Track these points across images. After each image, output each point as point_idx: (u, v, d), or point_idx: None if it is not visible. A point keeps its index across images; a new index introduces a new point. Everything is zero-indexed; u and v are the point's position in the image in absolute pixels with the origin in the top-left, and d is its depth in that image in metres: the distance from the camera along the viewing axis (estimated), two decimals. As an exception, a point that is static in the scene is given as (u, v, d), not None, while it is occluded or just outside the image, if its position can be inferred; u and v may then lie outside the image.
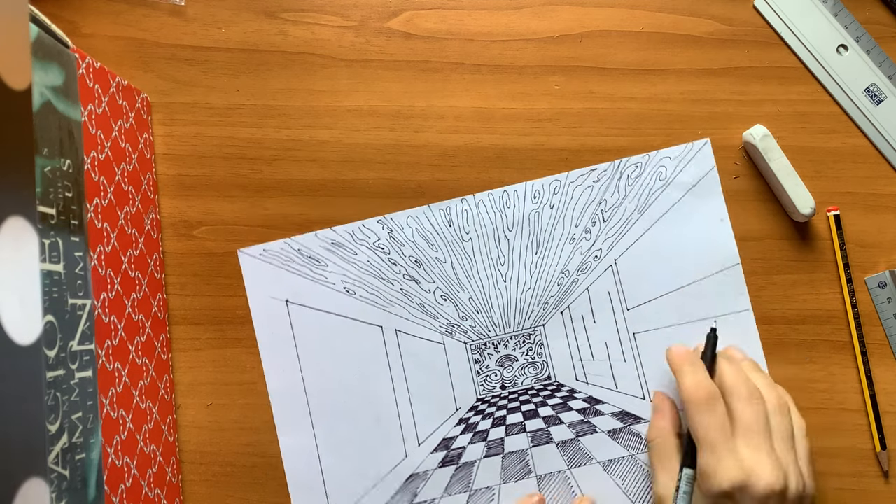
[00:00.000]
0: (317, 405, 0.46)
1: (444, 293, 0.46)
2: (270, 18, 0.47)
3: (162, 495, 0.42)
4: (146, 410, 0.41)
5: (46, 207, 0.31)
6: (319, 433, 0.46)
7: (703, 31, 0.47)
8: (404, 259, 0.46)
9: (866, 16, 0.47)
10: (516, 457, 0.46)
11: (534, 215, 0.47)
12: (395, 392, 0.46)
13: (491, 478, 0.46)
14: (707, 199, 0.47)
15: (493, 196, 0.47)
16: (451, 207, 0.47)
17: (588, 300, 0.47)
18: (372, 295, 0.46)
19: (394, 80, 0.47)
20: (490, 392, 0.46)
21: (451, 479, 0.46)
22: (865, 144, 0.47)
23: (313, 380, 0.46)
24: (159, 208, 0.47)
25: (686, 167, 0.47)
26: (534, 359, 0.47)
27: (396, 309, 0.46)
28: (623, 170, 0.47)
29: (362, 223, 0.46)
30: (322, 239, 0.46)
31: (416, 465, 0.46)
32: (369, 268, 0.46)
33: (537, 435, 0.46)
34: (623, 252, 0.47)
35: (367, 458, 0.46)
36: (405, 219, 0.47)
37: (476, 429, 0.46)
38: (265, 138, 0.47)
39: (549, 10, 0.47)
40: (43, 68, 0.32)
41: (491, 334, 0.47)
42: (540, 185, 0.47)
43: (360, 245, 0.46)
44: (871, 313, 0.47)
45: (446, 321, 0.46)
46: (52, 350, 0.30)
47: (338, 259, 0.46)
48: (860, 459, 0.46)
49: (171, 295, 0.47)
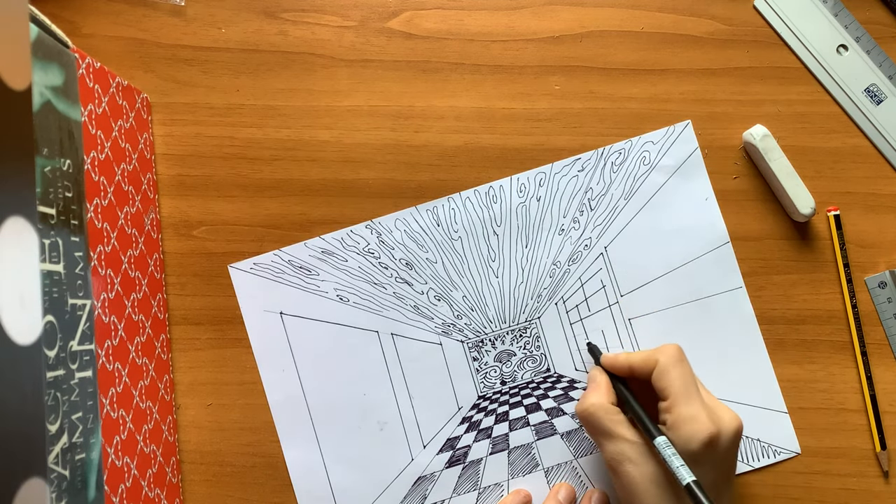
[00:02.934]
0: (319, 416, 0.46)
1: (437, 293, 0.46)
2: (270, 18, 0.47)
3: (162, 495, 0.42)
4: (146, 410, 0.41)
5: (46, 207, 0.31)
6: (324, 444, 0.46)
7: (703, 31, 0.47)
8: (395, 262, 0.46)
9: (866, 16, 0.47)
10: (522, 451, 0.46)
11: (521, 209, 0.47)
12: (396, 396, 0.46)
13: (499, 474, 0.46)
14: (692, 181, 0.47)
15: (479, 193, 0.47)
16: (437, 207, 0.47)
17: (581, 290, 0.47)
18: (365, 300, 0.46)
19: (394, 80, 0.47)
20: (491, 388, 0.46)
21: (459, 478, 0.46)
22: (865, 144, 0.47)
23: (313, 390, 0.46)
24: (159, 208, 0.47)
25: (669, 150, 0.47)
26: (532, 352, 0.47)
27: (391, 313, 0.46)
28: (607, 157, 0.47)
29: (350, 229, 0.46)
30: (311, 248, 0.46)
31: (423, 468, 0.46)
32: (361, 273, 0.46)
33: (541, 428, 0.46)
34: (612, 239, 0.47)
35: (373, 465, 0.46)
36: (393, 222, 0.47)
37: (480, 426, 0.46)
38: (265, 138, 0.47)
39: (549, 10, 0.47)
40: (43, 68, 0.32)
41: (487, 331, 0.47)
42: (525, 178, 0.47)
43: (350, 251, 0.46)
44: (871, 313, 0.47)
45: (441, 321, 0.46)
46: (52, 350, 0.30)
47: (329, 267, 0.46)
48: (860, 459, 0.46)
49: (171, 295, 0.47)
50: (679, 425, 0.38)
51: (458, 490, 0.46)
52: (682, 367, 0.40)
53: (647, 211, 0.47)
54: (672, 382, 0.39)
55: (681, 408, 0.38)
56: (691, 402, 0.39)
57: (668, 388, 0.39)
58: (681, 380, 0.39)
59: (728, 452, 0.39)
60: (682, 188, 0.47)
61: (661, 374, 0.40)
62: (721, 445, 0.38)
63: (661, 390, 0.40)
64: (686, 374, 0.40)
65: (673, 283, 0.46)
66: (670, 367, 0.40)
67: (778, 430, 0.46)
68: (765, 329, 0.46)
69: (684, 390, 0.39)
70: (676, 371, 0.40)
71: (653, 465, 0.39)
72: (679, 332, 0.46)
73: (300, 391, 0.46)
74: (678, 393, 0.39)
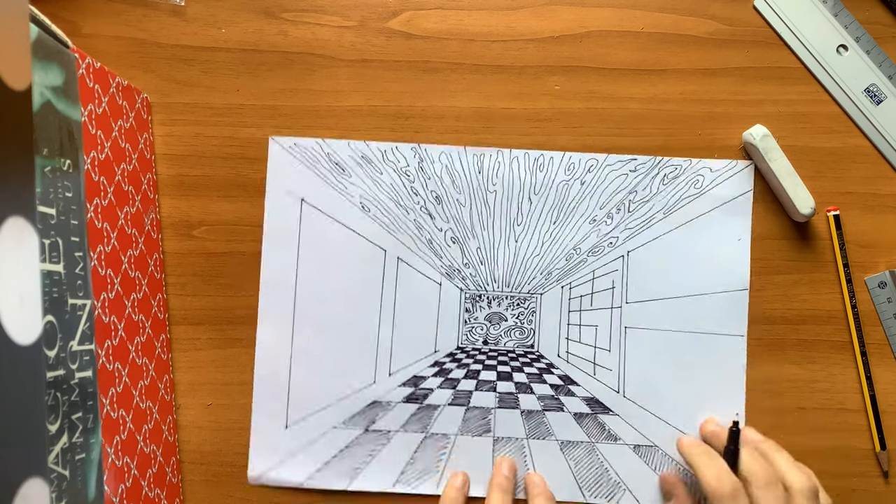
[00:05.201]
0: (302, 307, 0.46)
1: (454, 236, 0.46)
2: (270, 18, 0.47)
3: (162, 495, 0.42)
4: (146, 410, 0.41)
5: (46, 207, 0.31)
6: (297, 335, 0.46)
7: (703, 31, 0.47)
8: (426, 192, 0.46)
9: (866, 16, 0.47)
10: (480, 413, 0.46)
11: (563, 186, 0.47)
12: (381, 318, 0.46)
13: (450, 426, 0.46)
14: (734, 218, 0.47)
15: (529, 156, 0.47)
16: (485, 155, 0.47)
17: (591, 283, 0.47)
18: (385, 217, 0.46)
19: (394, 80, 0.47)
20: (472, 344, 0.47)
21: (412, 416, 0.46)
22: (865, 144, 0.47)
23: (306, 282, 0.46)
24: (159, 208, 0.47)
25: (724, 182, 0.47)
26: (522, 324, 0.47)
27: (405, 238, 0.47)
28: (662, 168, 0.47)
29: (396, 145, 0.47)
30: (353, 149, 0.46)
31: (380, 394, 0.46)
32: (390, 191, 0.46)
33: (505, 397, 0.46)
34: (638, 246, 0.47)
35: (335, 374, 0.46)
36: (438, 154, 0.46)
37: (448, 375, 0.46)
38: (265, 138, 0.47)
39: (549, 10, 0.47)
40: (43, 68, 0.32)
41: (488, 288, 0.47)
42: (577, 158, 0.47)
43: (388, 166, 0.46)
44: (871, 313, 0.47)
45: (449, 263, 0.47)
46: (52, 350, 0.30)
47: (362, 173, 0.46)
48: (860, 459, 0.46)
49: (171, 295, 0.47)
50: None
51: (407, 427, 0.46)
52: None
53: (680, 231, 0.47)
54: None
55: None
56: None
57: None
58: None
59: None
60: (722, 222, 0.46)
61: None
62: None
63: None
64: None
65: (679, 308, 0.46)
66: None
67: None
68: (765, 329, 0.46)
69: None
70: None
71: None
72: (667, 357, 0.46)
73: (293, 278, 0.46)
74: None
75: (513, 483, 0.45)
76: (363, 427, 0.46)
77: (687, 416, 0.46)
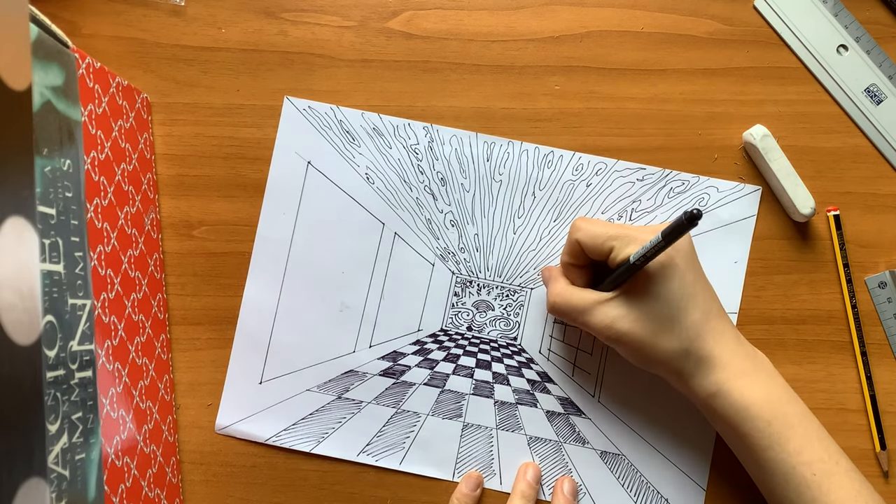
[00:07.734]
0: (294, 268, 0.47)
1: (453, 219, 0.47)
2: (270, 18, 0.47)
3: (162, 495, 0.42)
4: (146, 410, 0.41)
5: (46, 207, 0.31)
6: (284, 295, 0.46)
7: (703, 31, 0.47)
8: (432, 172, 0.47)
9: (866, 16, 0.47)
10: (453, 397, 0.46)
11: (568, 185, 0.47)
12: (370, 289, 0.47)
13: (422, 405, 0.46)
14: (733, 241, 0.46)
15: (539, 151, 0.47)
16: (495, 144, 0.47)
17: None
18: (388, 192, 0.47)
19: (394, 80, 0.47)
20: (455, 328, 0.47)
21: (386, 390, 0.46)
22: (865, 144, 0.47)
23: (301, 244, 0.47)
24: (159, 208, 0.47)
25: (729, 204, 0.47)
26: (509, 315, 0.47)
27: (404, 214, 0.47)
28: (669, 181, 0.47)
29: (409, 122, 0.47)
30: (366, 120, 0.47)
31: (358, 364, 0.46)
32: (397, 166, 0.47)
33: (481, 385, 0.47)
34: None
35: (316, 338, 0.46)
36: (449, 136, 0.47)
37: (428, 355, 0.47)
38: (265, 138, 0.47)
39: (549, 10, 0.47)
40: (43, 68, 0.32)
41: (480, 276, 0.47)
42: (586, 160, 0.47)
43: (398, 140, 0.47)
44: (871, 313, 0.47)
45: (444, 246, 0.47)
46: (52, 350, 0.30)
47: (372, 145, 0.47)
48: (860, 459, 0.46)
49: (171, 295, 0.47)
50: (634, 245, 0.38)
51: (379, 400, 0.46)
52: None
53: None
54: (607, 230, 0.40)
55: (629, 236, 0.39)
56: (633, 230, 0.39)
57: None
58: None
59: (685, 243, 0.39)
60: (721, 243, 0.46)
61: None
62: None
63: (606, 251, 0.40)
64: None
65: None
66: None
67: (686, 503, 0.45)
68: (765, 329, 0.46)
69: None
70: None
71: (637, 306, 0.38)
72: (645, 374, 0.44)
73: (289, 238, 0.46)
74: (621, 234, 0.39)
75: (535, 491, 0.45)
76: (336, 394, 0.46)
77: (659, 430, 0.46)
